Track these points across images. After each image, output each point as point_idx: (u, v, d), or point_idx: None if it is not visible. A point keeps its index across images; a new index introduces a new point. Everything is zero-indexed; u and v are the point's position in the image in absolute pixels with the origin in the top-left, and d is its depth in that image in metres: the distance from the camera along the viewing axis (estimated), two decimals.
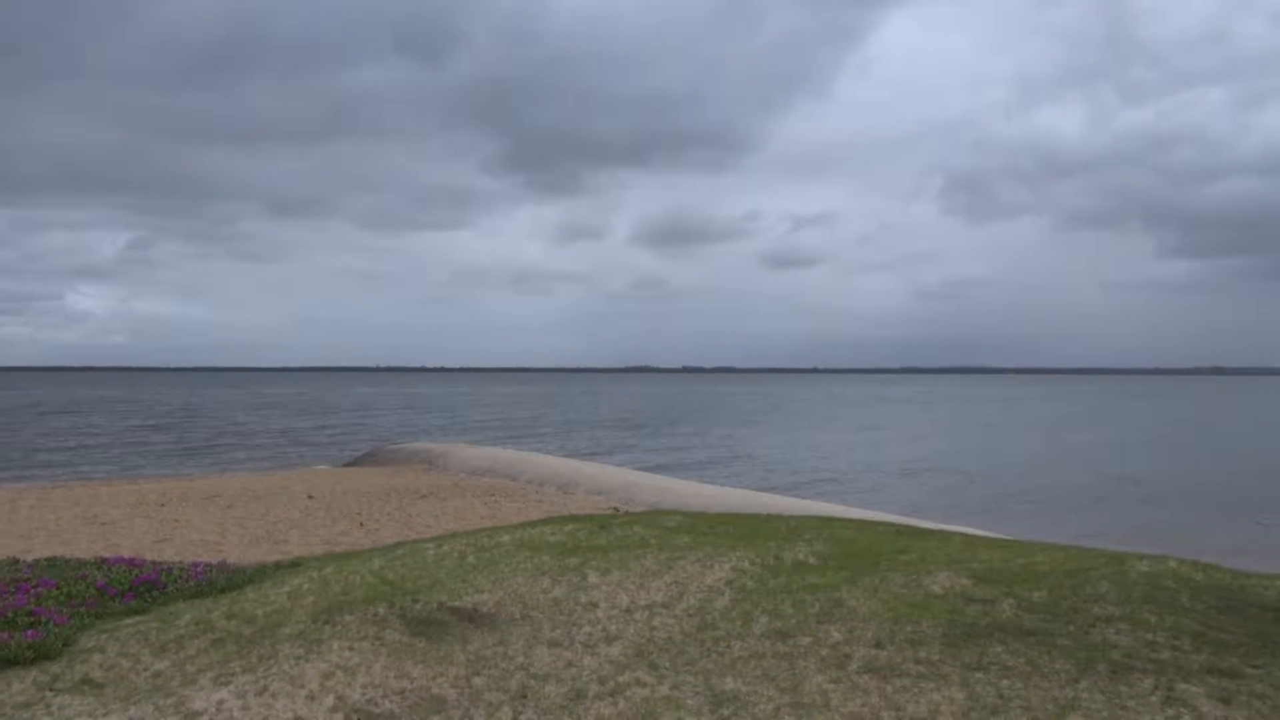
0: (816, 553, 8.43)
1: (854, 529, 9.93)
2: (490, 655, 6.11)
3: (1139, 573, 7.15)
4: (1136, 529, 21.67)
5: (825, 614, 6.56)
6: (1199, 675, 5.32)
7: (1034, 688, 5.24)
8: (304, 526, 18.65)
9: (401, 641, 6.26)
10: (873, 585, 7.13)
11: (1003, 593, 6.76)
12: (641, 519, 10.80)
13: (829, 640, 6.08)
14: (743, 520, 10.67)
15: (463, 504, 21.85)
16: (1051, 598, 6.63)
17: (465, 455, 32.22)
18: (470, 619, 6.80)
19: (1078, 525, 21.86)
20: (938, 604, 6.60)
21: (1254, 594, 6.74)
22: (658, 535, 9.45)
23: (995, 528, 18.18)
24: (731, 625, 6.53)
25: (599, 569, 7.97)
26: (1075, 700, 5.07)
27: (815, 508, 19.39)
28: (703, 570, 7.81)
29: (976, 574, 7.28)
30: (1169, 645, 5.75)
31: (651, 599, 7.17)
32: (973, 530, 13.87)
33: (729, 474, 32.92)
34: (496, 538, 9.56)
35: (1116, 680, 5.28)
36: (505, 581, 7.72)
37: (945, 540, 9.32)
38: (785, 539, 9.06)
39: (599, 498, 23.11)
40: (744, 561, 8.03)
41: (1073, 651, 5.68)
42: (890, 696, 5.23)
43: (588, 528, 10.00)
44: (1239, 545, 19.01)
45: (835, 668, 5.66)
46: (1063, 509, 25.97)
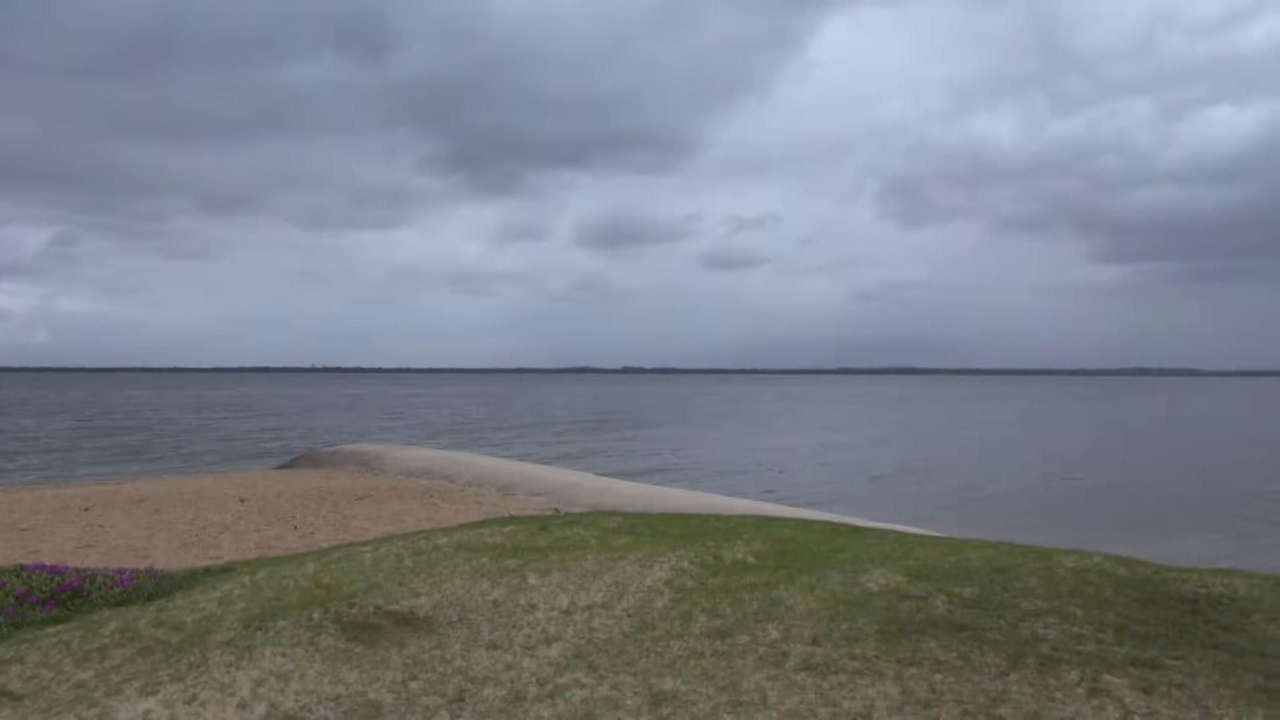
0: (755, 552, 8.50)
1: (792, 528, 10.04)
2: (428, 659, 6.05)
3: (1066, 568, 7.36)
4: (1065, 525, 22.29)
5: (763, 612, 6.62)
6: (1122, 666, 5.49)
7: (965, 681, 5.35)
8: (236, 530, 18.23)
9: (336, 646, 6.16)
10: (810, 583, 7.21)
11: (936, 589, 6.89)
12: (582, 520, 10.78)
13: (767, 638, 6.14)
14: (683, 520, 10.72)
15: (400, 506, 21.57)
16: (982, 593, 6.78)
17: (403, 457, 31.81)
18: (407, 623, 6.72)
19: (1009, 522, 22.38)
20: (873, 601, 6.71)
21: (1173, 587, 6.98)
22: (598, 536, 9.45)
23: (929, 526, 18.54)
24: (671, 625, 6.55)
25: (539, 570, 7.94)
26: (1005, 693, 5.20)
27: (755, 507, 19.56)
28: (642, 570, 7.83)
29: (911, 571, 7.42)
30: (1094, 638, 5.93)
31: (591, 600, 7.16)
32: (908, 528, 14.12)
33: (670, 474, 33.04)
34: (434, 540, 9.47)
35: (1044, 672, 5.42)
36: (443, 584, 7.65)
37: (881, 538, 9.48)
38: (724, 538, 9.12)
39: (539, 499, 23.01)
40: (683, 561, 8.07)
41: (1002, 645, 5.82)
42: (827, 693, 5.30)
43: (528, 529, 9.96)
44: (1161, 539, 19.66)
45: (773, 665, 5.72)
46: (995, 506, 26.59)
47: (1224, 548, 19.45)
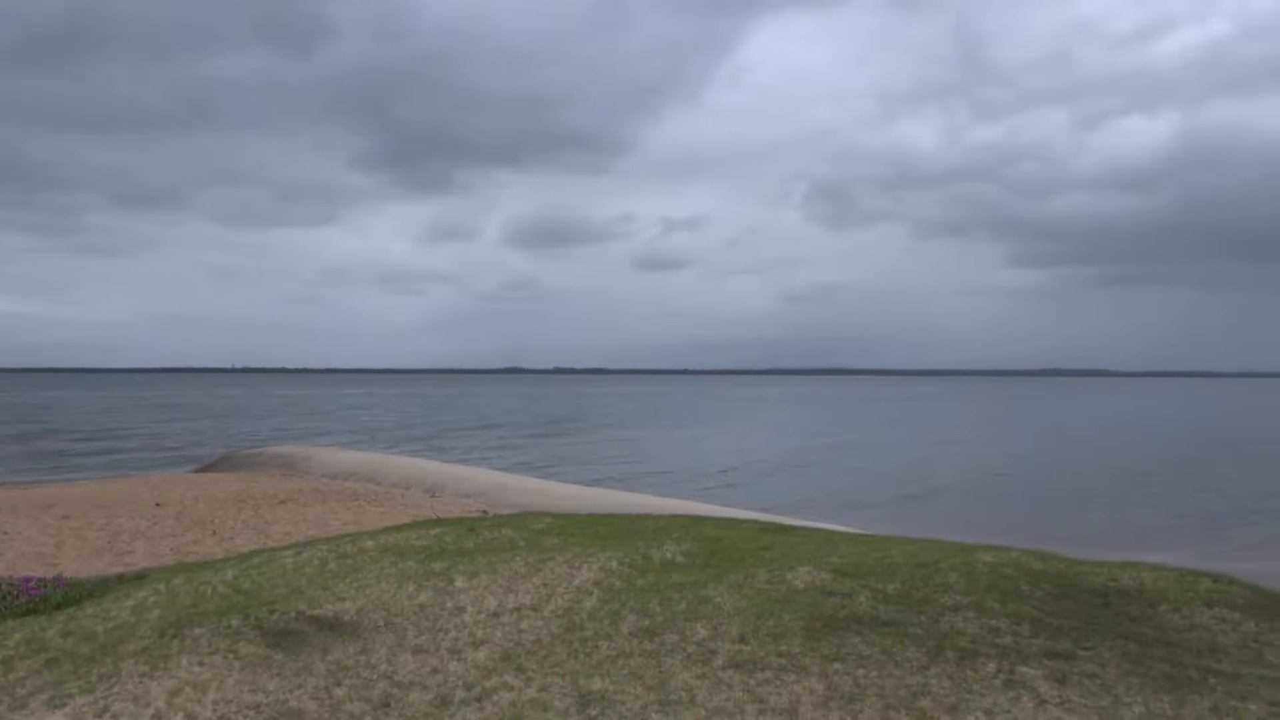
0: (684, 551, 8.55)
1: (721, 527, 10.12)
2: (352, 664, 5.94)
3: (984, 563, 7.55)
4: (987, 521, 22.89)
5: (692, 611, 6.66)
6: (1037, 658, 5.66)
7: (888, 675, 5.46)
8: (151, 536, 17.66)
9: (257, 654, 6.01)
10: (738, 582, 7.28)
11: (860, 585, 7.02)
12: (511, 521, 10.71)
13: (695, 637, 6.18)
14: (612, 521, 10.72)
15: (324, 509, 21.15)
16: (905, 589, 6.93)
17: (327, 459, 31.21)
18: (331, 628, 6.59)
19: (933, 519, 22.92)
20: (799, 598, 6.80)
21: (1086, 580, 7.22)
22: (527, 537, 9.40)
23: (855, 523, 18.87)
24: (599, 625, 6.55)
25: (466, 573, 7.86)
26: (925, 686, 5.32)
27: (684, 507, 19.68)
28: (571, 571, 7.81)
29: (836, 568, 7.54)
30: (1010, 631, 6.10)
31: (520, 602, 7.12)
32: (833, 526, 14.36)
33: (600, 475, 33.02)
34: (359, 543, 9.31)
35: (963, 665, 5.56)
36: (368, 588, 7.52)
37: (807, 536, 9.62)
38: (654, 538, 9.15)
39: (468, 500, 22.80)
40: (613, 562, 8.07)
41: (923, 640, 5.95)
42: (753, 689, 5.36)
43: (455, 531, 9.85)
44: (1076, 533, 20.33)
45: (701, 663, 5.76)
46: (919, 504, 27.20)
47: (1134, 541, 20.20)
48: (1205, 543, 20.62)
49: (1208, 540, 21.03)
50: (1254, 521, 24.09)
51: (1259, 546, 20.40)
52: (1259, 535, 21.97)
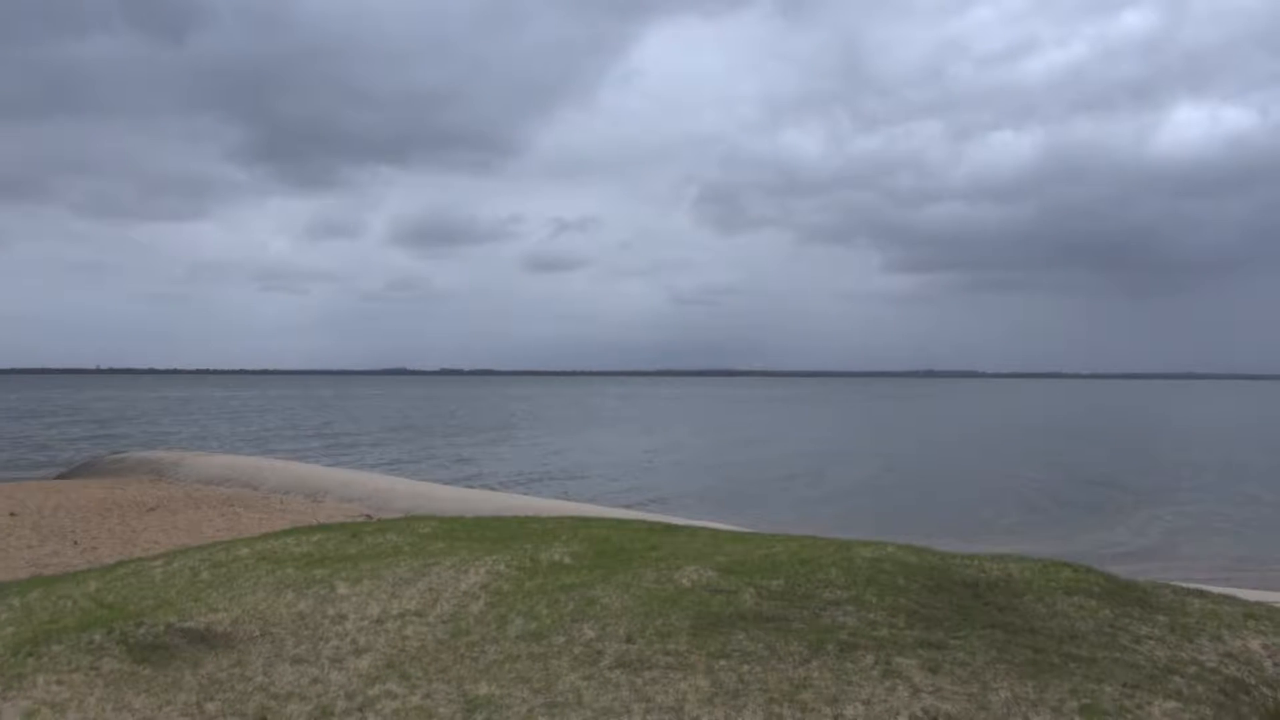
0: (572, 553, 8.54)
1: (609, 528, 10.15)
2: (226, 678, 5.71)
3: (863, 558, 7.80)
4: (865, 517, 23.64)
5: (579, 612, 6.66)
6: (912, 649, 5.88)
7: (771, 670, 5.58)
8: (4, 548, 16.57)
9: (121, 670, 5.72)
10: (625, 582, 7.32)
11: (745, 583, 7.15)
12: (395, 526, 10.50)
13: (582, 638, 6.18)
14: (499, 524, 10.63)
15: (197, 516, 20.27)
16: (788, 585, 7.10)
17: (200, 464, 29.91)
18: (203, 640, 6.32)
19: (814, 516, 23.54)
20: (686, 597, 6.88)
21: (957, 573, 7.55)
22: (412, 542, 9.22)
23: (740, 522, 19.21)
24: (486, 629, 6.48)
25: (349, 579, 7.66)
26: (807, 679, 5.46)
27: (572, 509, 19.66)
28: (458, 575, 7.70)
29: (721, 566, 7.66)
30: (887, 623, 6.32)
31: (404, 608, 6.98)
32: (720, 525, 14.58)
33: (488, 477, 32.67)
34: (234, 551, 8.96)
35: (843, 658, 5.73)
36: (244, 598, 7.25)
37: (694, 536, 9.74)
38: (541, 540, 9.12)
39: (351, 505, 22.22)
40: (500, 565, 8.00)
41: (805, 634, 6.11)
42: (640, 689, 5.39)
43: (337, 537, 9.60)
44: (949, 528, 21.22)
45: (588, 664, 5.76)
46: (802, 501, 27.89)
47: (1003, 534, 21.22)
48: (1066, 533, 21.82)
49: (1068, 531, 22.26)
50: (1108, 512, 25.61)
51: (1110, 535, 21.71)
52: (1112, 525, 23.37)
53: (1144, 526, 23.50)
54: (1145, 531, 22.81)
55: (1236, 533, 22.88)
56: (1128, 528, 23.25)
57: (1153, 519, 24.60)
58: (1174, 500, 28.14)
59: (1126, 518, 24.85)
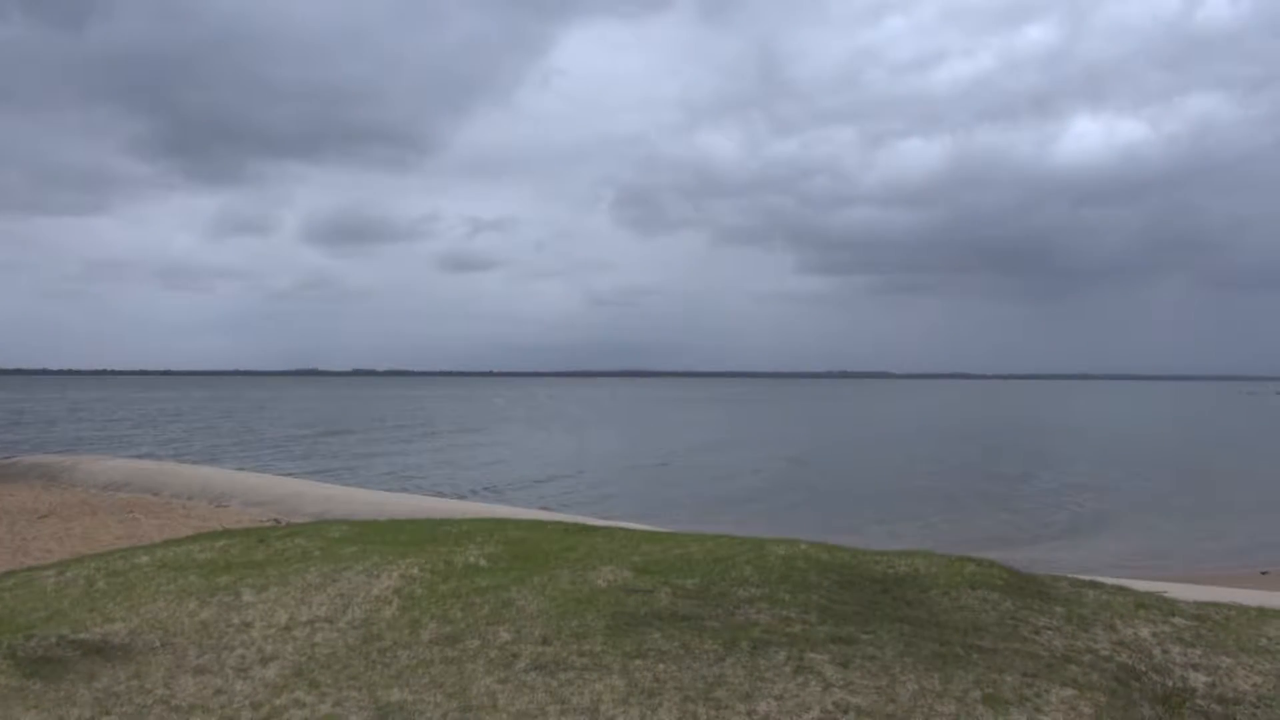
0: (487, 555, 8.46)
1: (525, 530, 10.09)
2: (123, 690, 5.49)
3: (776, 556, 7.92)
4: (779, 515, 24.00)
5: (494, 615, 6.60)
6: (824, 644, 5.99)
7: (686, 669, 5.62)
8: None
9: (10, 685, 5.45)
10: (541, 584, 7.28)
11: (660, 582, 7.19)
12: (304, 530, 10.25)
13: (498, 641, 6.13)
14: (414, 526, 10.47)
15: (94, 523, 19.43)
16: (703, 584, 7.16)
17: (96, 468, 28.69)
18: (99, 652, 6.07)
19: (729, 515, 23.80)
20: (601, 597, 6.88)
21: (867, 569, 7.72)
22: (322, 546, 9.01)
23: (657, 521, 19.31)
24: (399, 634, 6.37)
25: (255, 586, 7.45)
26: (721, 676, 5.52)
27: (488, 510, 19.46)
28: (370, 580, 7.56)
29: (637, 566, 7.69)
30: (799, 620, 6.43)
31: (314, 614, 6.82)
32: (636, 525, 14.62)
33: (402, 480, 32.12)
34: (133, 559, 8.62)
35: (756, 655, 5.81)
36: (143, 607, 6.98)
37: (610, 536, 9.75)
38: (456, 543, 9.01)
39: (258, 510, 21.59)
40: (413, 568, 7.87)
41: (720, 632, 6.17)
42: (556, 691, 5.37)
43: (243, 543, 9.32)
44: (861, 526, 21.69)
45: (503, 668, 5.72)
46: (717, 500, 28.15)
47: (913, 529, 21.79)
48: (971, 529, 22.52)
49: (973, 526, 22.97)
50: (1010, 507, 26.53)
51: (1012, 529, 22.50)
52: (1014, 520, 24.22)
53: (1044, 521, 24.42)
54: (1045, 526, 23.71)
55: (1129, 526, 23.96)
56: (1029, 522, 24.13)
57: (1052, 513, 25.59)
58: (1071, 495, 29.32)
59: (1028, 512, 25.79)
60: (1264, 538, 21.99)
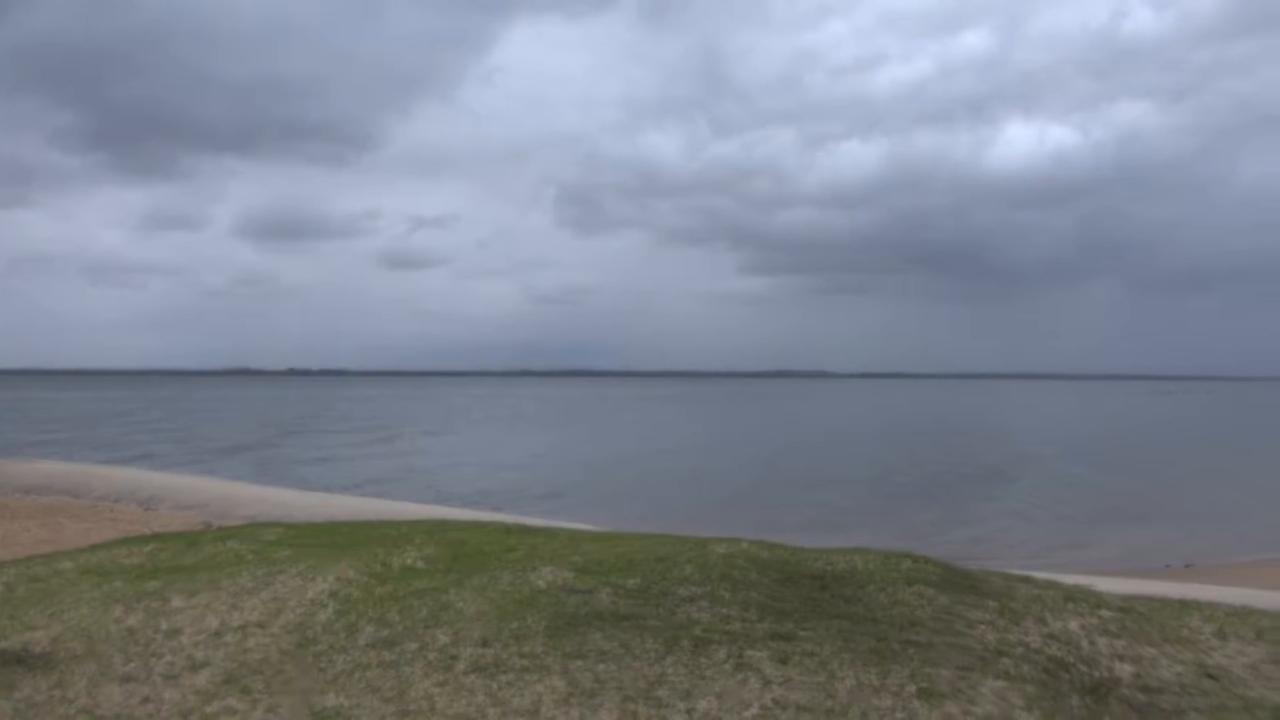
0: (426, 556, 8.36)
1: (465, 531, 9.99)
2: (44, 701, 5.30)
3: (718, 554, 7.96)
4: (723, 514, 24.14)
5: (433, 617, 6.52)
6: (763, 641, 6.04)
7: (626, 668, 5.62)
8: None
9: None
10: (481, 585, 7.21)
11: (601, 582, 7.17)
12: (237, 533, 10.01)
13: (436, 644, 6.06)
14: (351, 528, 10.30)
15: (13, 527, 18.74)
16: (644, 583, 7.16)
17: (15, 471, 27.70)
18: (19, 661, 5.85)
19: (673, 514, 23.87)
20: (542, 598, 6.84)
21: (806, 566, 7.80)
22: (255, 550, 8.81)
23: (599, 521, 19.28)
24: (335, 638, 6.26)
25: (185, 591, 7.25)
26: (662, 675, 5.52)
27: (427, 512, 19.24)
28: (305, 583, 7.41)
29: (578, 566, 7.66)
30: (740, 617, 6.47)
31: (246, 619, 6.66)
32: (578, 525, 14.58)
33: (339, 481, 31.61)
34: (55, 565, 8.34)
35: (697, 653, 5.83)
36: (65, 614, 6.75)
37: (551, 536, 9.70)
38: (394, 545, 8.88)
39: (189, 513, 21.06)
40: (350, 571, 7.74)
41: (661, 631, 6.18)
42: (495, 693, 5.33)
43: (173, 547, 9.08)
44: (801, 523, 21.93)
45: (442, 670, 5.65)
46: (661, 499, 28.23)
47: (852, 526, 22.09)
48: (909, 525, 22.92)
49: (911, 523, 23.38)
50: (947, 504, 27.08)
51: (948, 525, 22.97)
52: (950, 516, 24.72)
53: (979, 517, 24.97)
54: (981, 522, 24.24)
55: (1059, 521, 24.61)
56: (965, 518, 24.65)
57: (987, 510, 26.17)
58: (1005, 492, 30.02)
59: (964, 509, 26.34)
60: (1187, 532, 22.78)
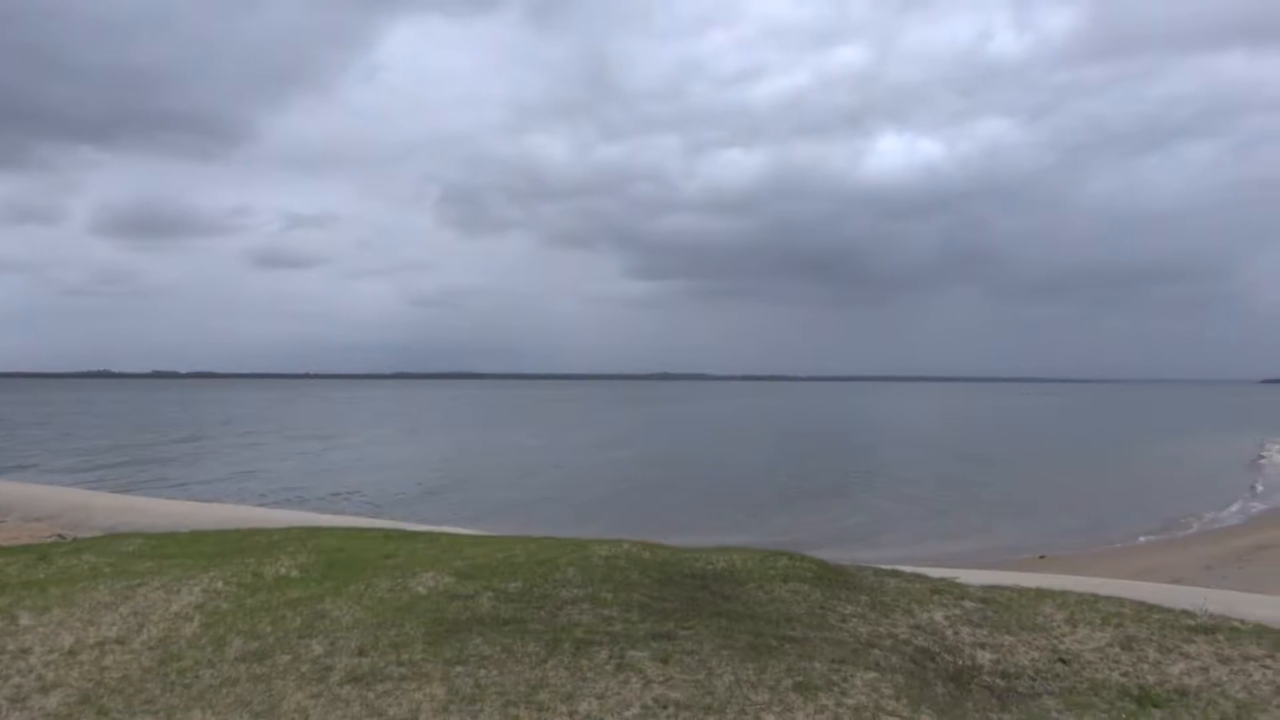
0: (300, 565, 8.11)
1: (341, 538, 9.74)
2: None
3: (600, 556, 8.00)
4: (607, 516, 24.21)
5: (307, 628, 6.33)
6: (644, 641, 6.10)
7: (508, 673, 5.58)
8: None
9: None
10: (358, 593, 7.05)
11: (483, 587, 7.10)
12: (94, 545, 9.49)
13: (310, 655, 5.88)
14: (219, 538, 9.90)
15: None
16: (526, 586, 7.13)
17: None
18: None
19: (557, 517, 23.80)
20: (422, 604, 6.74)
21: (687, 566, 7.92)
22: (113, 562, 8.37)
23: (482, 525, 19.07)
24: (201, 653, 6.00)
25: (34, 608, 6.83)
26: (544, 679, 5.51)
27: (301, 519, 18.64)
28: (169, 596, 7.08)
29: (459, 571, 7.57)
30: (621, 618, 6.51)
31: (103, 635, 6.32)
32: (460, 530, 14.40)
33: (207, 488, 30.27)
34: None
35: (579, 655, 5.84)
36: None
37: (432, 541, 9.56)
38: (267, 553, 8.59)
39: (39, 524, 19.79)
40: (218, 582, 7.44)
41: (542, 634, 6.17)
42: (372, 703, 5.21)
43: (20, 560, 8.54)
44: (683, 524, 22.20)
45: (316, 682, 5.49)
46: (545, 502, 28.08)
47: (731, 527, 22.49)
48: (786, 524, 23.50)
49: (788, 521, 23.98)
50: (822, 502, 27.88)
51: (823, 523, 23.65)
52: (825, 514, 25.47)
53: (851, 512, 25.80)
54: (852, 517, 25.04)
55: (926, 517, 25.65)
56: (838, 515, 25.42)
57: (859, 507, 27.06)
58: (877, 490, 31.11)
59: (839, 507, 27.16)
60: (1041, 524, 24.11)
